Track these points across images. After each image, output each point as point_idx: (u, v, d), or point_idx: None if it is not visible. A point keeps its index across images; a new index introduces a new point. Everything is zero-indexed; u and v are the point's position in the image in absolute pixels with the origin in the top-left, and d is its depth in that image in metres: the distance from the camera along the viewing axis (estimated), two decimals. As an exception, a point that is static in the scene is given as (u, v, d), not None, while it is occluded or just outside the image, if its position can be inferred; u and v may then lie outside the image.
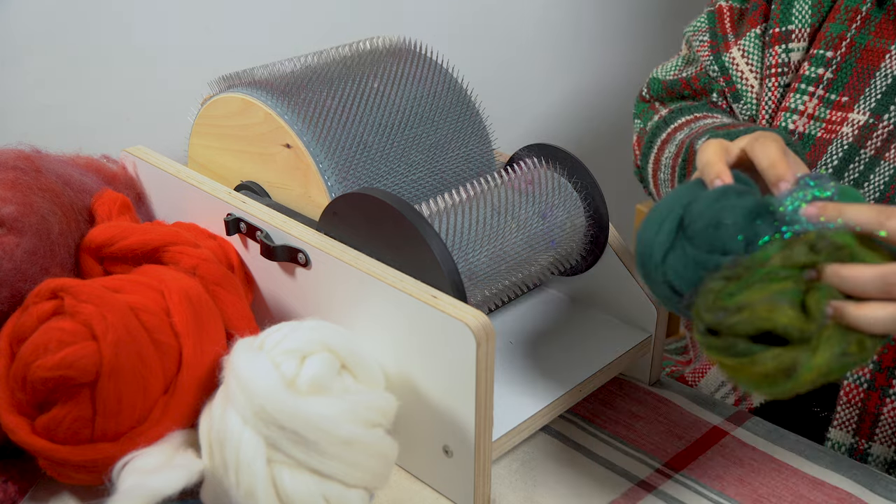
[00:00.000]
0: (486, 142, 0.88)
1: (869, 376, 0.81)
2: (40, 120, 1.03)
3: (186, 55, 1.12)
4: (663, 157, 0.98)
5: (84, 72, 1.05)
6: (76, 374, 0.63)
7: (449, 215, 0.73)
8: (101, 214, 0.80)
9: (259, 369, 0.61)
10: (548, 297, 0.91)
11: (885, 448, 0.82)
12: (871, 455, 0.83)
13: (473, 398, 0.65)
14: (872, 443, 0.83)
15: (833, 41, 0.88)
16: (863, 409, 0.82)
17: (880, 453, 0.83)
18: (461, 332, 0.63)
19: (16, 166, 0.78)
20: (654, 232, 0.61)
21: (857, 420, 0.83)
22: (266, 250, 0.76)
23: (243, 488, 0.60)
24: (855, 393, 0.82)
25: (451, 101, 0.86)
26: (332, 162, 0.77)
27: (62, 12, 1.01)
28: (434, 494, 0.72)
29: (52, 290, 0.67)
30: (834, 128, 0.86)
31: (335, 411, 0.61)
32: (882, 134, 0.84)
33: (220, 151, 0.85)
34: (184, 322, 0.68)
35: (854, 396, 0.82)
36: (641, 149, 1.04)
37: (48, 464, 0.66)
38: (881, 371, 0.81)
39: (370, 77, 0.83)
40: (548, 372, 0.79)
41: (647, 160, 1.02)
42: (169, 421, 0.66)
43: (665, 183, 0.98)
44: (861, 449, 0.83)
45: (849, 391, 0.83)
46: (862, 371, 0.82)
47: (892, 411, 0.81)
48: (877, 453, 0.83)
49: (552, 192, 0.80)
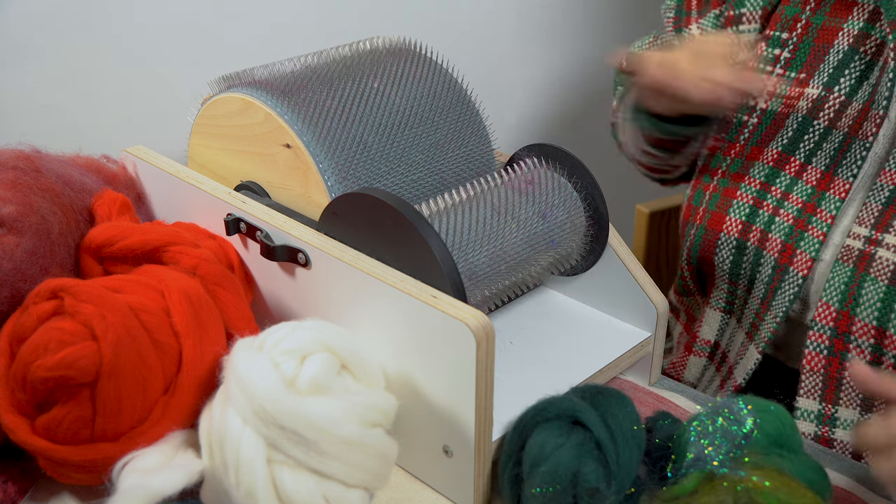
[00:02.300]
0: (486, 142, 0.87)
1: (828, 342, 0.85)
2: (40, 120, 1.03)
3: (186, 55, 1.12)
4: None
5: (84, 72, 1.05)
6: (76, 374, 0.62)
7: (449, 215, 0.73)
8: (101, 214, 0.80)
9: (259, 369, 0.61)
10: (548, 297, 0.91)
11: (852, 411, 0.85)
12: (838, 419, 0.85)
13: (473, 398, 0.65)
14: (839, 406, 0.85)
15: (788, 23, 0.94)
16: (825, 376, 0.85)
17: (847, 416, 0.85)
18: (461, 333, 0.63)
19: (16, 166, 0.78)
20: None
21: (822, 387, 0.86)
22: (266, 250, 0.76)
23: (243, 488, 0.60)
24: (816, 360, 0.85)
25: (451, 101, 0.86)
26: (332, 162, 0.77)
27: (62, 12, 1.01)
28: (434, 494, 0.72)
29: (52, 290, 0.67)
30: (792, 102, 0.92)
31: (335, 411, 0.61)
32: (834, 105, 0.89)
33: (220, 151, 0.85)
34: (184, 322, 0.68)
35: (816, 364, 0.86)
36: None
37: (48, 464, 0.66)
38: (838, 337, 0.84)
39: (370, 77, 0.83)
40: (548, 372, 0.79)
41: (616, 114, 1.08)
42: (169, 421, 0.66)
43: (619, 123, 1.05)
44: (829, 414, 0.86)
45: (810, 359, 0.86)
46: (821, 339, 0.85)
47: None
48: (843, 416, 0.85)
49: (552, 192, 0.80)
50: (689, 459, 0.65)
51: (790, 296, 0.88)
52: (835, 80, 0.89)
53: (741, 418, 0.65)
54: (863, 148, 0.86)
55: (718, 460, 0.63)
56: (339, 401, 0.62)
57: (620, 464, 0.63)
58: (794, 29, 0.93)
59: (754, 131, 0.94)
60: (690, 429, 0.66)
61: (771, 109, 0.93)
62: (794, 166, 0.90)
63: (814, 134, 0.90)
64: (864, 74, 0.88)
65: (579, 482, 0.61)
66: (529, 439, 0.65)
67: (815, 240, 0.87)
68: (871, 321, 0.82)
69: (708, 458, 0.64)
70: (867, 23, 0.89)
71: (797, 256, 0.87)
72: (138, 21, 1.07)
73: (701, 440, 0.65)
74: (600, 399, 0.67)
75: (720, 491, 0.58)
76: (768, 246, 0.89)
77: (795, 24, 0.93)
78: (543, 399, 0.67)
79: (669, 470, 0.66)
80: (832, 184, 0.88)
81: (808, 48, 0.92)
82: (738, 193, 0.92)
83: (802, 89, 0.91)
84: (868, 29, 0.89)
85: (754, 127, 0.94)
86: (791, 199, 0.89)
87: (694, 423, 0.66)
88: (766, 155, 0.92)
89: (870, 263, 0.83)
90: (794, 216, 0.88)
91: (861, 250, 0.84)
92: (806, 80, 0.92)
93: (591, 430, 0.64)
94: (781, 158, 0.91)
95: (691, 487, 0.60)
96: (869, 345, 0.83)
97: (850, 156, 0.87)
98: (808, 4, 0.93)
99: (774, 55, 0.94)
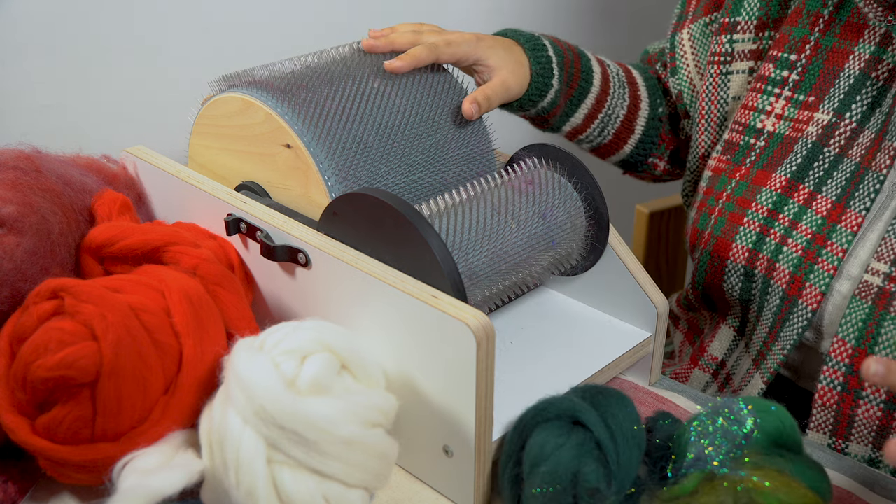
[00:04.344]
0: (486, 142, 0.87)
1: (842, 379, 0.82)
2: (40, 120, 1.03)
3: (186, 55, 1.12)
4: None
5: (84, 72, 1.05)
6: (76, 374, 0.62)
7: (449, 215, 0.73)
8: (102, 214, 0.80)
9: (259, 369, 0.61)
10: (548, 297, 0.91)
11: (863, 447, 0.83)
12: (848, 454, 0.84)
13: (473, 398, 0.65)
14: (849, 442, 0.84)
15: (796, 45, 0.91)
16: (838, 412, 0.83)
17: (858, 451, 0.84)
18: (461, 333, 0.63)
19: (16, 166, 0.78)
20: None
21: (833, 422, 0.84)
22: (266, 250, 0.76)
23: (243, 488, 0.60)
24: (829, 396, 0.83)
25: (451, 101, 0.86)
26: (332, 162, 0.77)
27: (62, 12, 1.01)
28: (434, 494, 0.72)
29: (52, 290, 0.67)
30: (801, 126, 0.89)
31: (335, 411, 0.61)
32: (845, 132, 0.86)
33: (221, 151, 0.85)
34: (184, 322, 0.68)
35: (829, 400, 0.83)
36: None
37: (48, 464, 0.66)
38: (853, 374, 0.82)
39: (370, 77, 0.83)
40: (548, 372, 0.79)
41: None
42: (169, 421, 0.66)
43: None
44: (839, 448, 0.84)
45: (823, 394, 0.83)
46: (835, 374, 0.82)
47: (865, 412, 0.82)
48: (854, 452, 0.84)
49: (552, 192, 0.80)
50: (689, 459, 0.65)
51: (799, 329, 0.85)
52: (846, 106, 0.87)
53: (741, 418, 0.65)
54: (876, 181, 0.83)
55: (719, 460, 0.63)
56: (340, 401, 0.62)
57: (621, 464, 0.63)
58: (803, 51, 0.90)
59: (761, 154, 0.91)
60: (690, 429, 0.66)
61: (778, 133, 0.90)
62: (802, 194, 0.87)
63: (824, 161, 0.87)
64: (876, 101, 0.85)
65: (579, 482, 0.61)
66: (529, 439, 0.65)
67: (825, 273, 0.84)
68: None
69: (708, 459, 0.64)
70: (878, 46, 0.86)
71: (806, 289, 0.84)
72: (138, 21, 1.07)
73: (701, 440, 0.65)
74: (600, 399, 0.67)
75: (720, 491, 0.58)
76: (776, 276, 0.86)
77: (804, 46, 0.90)
78: (543, 399, 0.67)
79: (670, 470, 0.66)
80: (843, 216, 0.85)
81: (817, 71, 0.89)
82: (745, 220, 0.89)
83: (812, 113, 0.89)
84: (880, 53, 0.86)
85: (761, 150, 0.91)
86: (800, 228, 0.86)
87: (694, 423, 0.66)
88: (774, 181, 0.89)
89: (890, 302, 0.80)
90: (804, 247, 0.85)
91: (880, 287, 0.81)
92: (815, 104, 0.89)
93: (592, 430, 0.64)
94: (790, 185, 0.88)
95: (691, 487, 0.60)
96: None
97: (863, 188, 0.84)
98: (816, 25, 0.90)
99: (783, 77, 0.91)
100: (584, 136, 1.05)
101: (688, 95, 1.04)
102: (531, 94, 0.93)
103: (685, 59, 1.03)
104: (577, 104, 0.99)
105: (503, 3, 1.54)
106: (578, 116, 1.00)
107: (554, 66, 0.94)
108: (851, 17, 0.88)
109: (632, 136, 1.05)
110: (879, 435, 0.82)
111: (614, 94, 1.02)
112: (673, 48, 1.05)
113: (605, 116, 1.02)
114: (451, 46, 0.86)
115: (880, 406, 0.81)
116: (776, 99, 0.92)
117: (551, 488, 0.61)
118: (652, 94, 1.07)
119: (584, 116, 1.01)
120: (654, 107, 1.06)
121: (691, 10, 1.04)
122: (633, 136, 1.05)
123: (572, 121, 1.00)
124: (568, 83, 0.97)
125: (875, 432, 0.82)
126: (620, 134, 1.05)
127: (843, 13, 0.89)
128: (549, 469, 0.62)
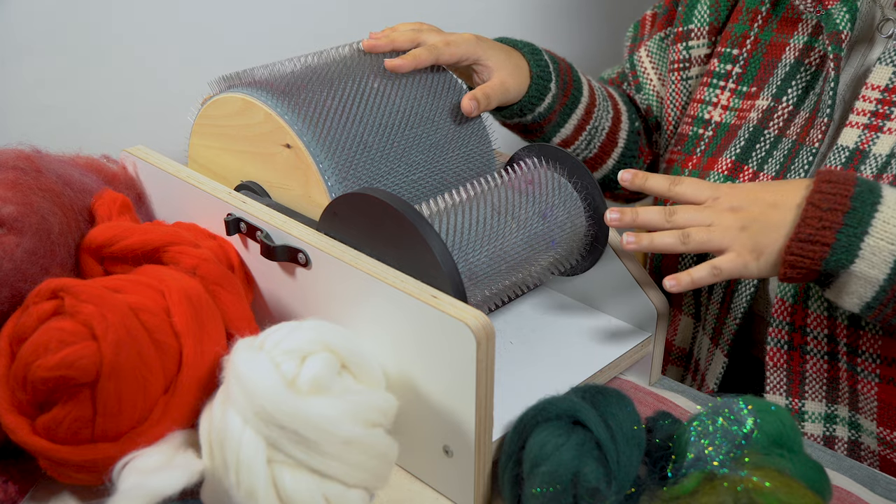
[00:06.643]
0: (486, 142, 0.88)
1: (787, 337, 0.86)
2: (40, 120, 1.03)
3: (186, 55, 1.12)
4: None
5: (84, 72, 1.05)
6: (76, 374, 0.62)
7: (449, 215, 0.73)
8: (102, 214, 0.80)
9: (259, 369, 0.61)
10: (548, 297, 0.91)
11: (818, 404, 0.86)
12: (806, 413, 0.86)
13: (473, 398, 0.65)
14: (805, 400, 0.87)
15: (738, 40, 0.98)
16: (789, 370, 0.86)
17: (814, 409, 0.86)
18: (461, 332, 0.63)
19: (16, 166, 0.78)
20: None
21: (787, 381, 0.87)
22: (266, 250, 0.76)
23: (243, 488, 0.60)
24: (779, 356, 0.87)
25: (450, 102, 0.86)
26: (332, 162, 0.77)
27: (62, 12, 1.01)
28: (434, 494, 0.72)
29: (52, 290, 0.67)
30: (745, 115, 0.96)
31: (335, 411, 0.61)
32: (783, 115, 0.92)
33: (221, 151, 0.85)
34: (184, 322, 0.68)
35: (779, 359, 0.87)
36: None
37: (48, 464, 0.66)
38: (795, 331, 0.85)
39: (370, 77, 0.83)
40: (548, 372, 0.79)
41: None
42: (169, 421, 0.66)
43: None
44: (797, 409, 0.87)
45: (773, 355, 0.87)
46: (780, 333, 0.86)
47: (814, 367, 0.86)
48: (811, 410, 0.86)
49: (552, 193, 0.80)
50: (689, 459, 0.65)
51: (747, 296, 0.89)
52: (783, 92, 0.93)
53: (741, 418, 0.65)
54: (809, 153, 0.87)
55: (719, 460, 0.63)
56: (340, 401, 0.62)
57: (621, 464, 0.63)
58: (744, 45, 0.97)
59: (710, 143, 0.97)
60: (690, 429, 0.66)
61: (724, 122, 0.97)
62: (747, 174, 0.92)
63: (765, 142, 0.92)
64: (809, 85, 0.92)
65: (579, 482, 0.61)
66: (529, 439, 0.65)
67: None
68: (821, 311, 0.83)
69: (708, 458, 0.64)
70: (811, 36, 0.92)
71: None
72: (138, 21, 1.07)
73: (701, 440, 0.65)
74: (600, 399, 0.67)
75: (720, 491, 0.58)
76: None
77: (745, 41, 0.97)
78: (543, 399, 0.68)
79: (670, 470, 0.66)
80: None
81: (757, 63, 0.96)
82: None
83: (754, 101, 0.95)
84: (812, 42, 0.92)
85: (709, 139, 0.97)
86: None
87: (694, 423, 0.66)
88: (721, 164, 0.94)
89: None
90: None
91: None
92: (756, 93, 0.95)
93: (592, 430, 0.64)
94: (735, 167, 0.93)
95: (691, 487, 0.60)
96: (824, 335, 0.84)
97: (798, 161, 0.88)
98: (755, 22, 0.97)
99: (727, 70, 0.98)
100: (570, 150, 1.07)
101: (656, 108, 1.09)
102: (531, 97, 0.94)
103: (647, 74, 1.09)
104: (569, 114, 1.02)
105: (499, 3, 1.54)
106: (568, 127, 1.03)
107: (551, 72, 0.97)
108: (787, 13, 0.95)
109: (615, 148, 1.09)
110: (830, 388, 0.86)
111: (600, 106, 1.06)
112: (633, 67, 1.11)
113: (592, 128, 1.05)
114: (451, 47, 0.87)
115: (825, 358, 0.85)
116: (721, 91, 0.98)
117: (551, 488, 0.61)
118: (629, 109, 1.11)
119: (573, 128, 1.03)
120: (632, 121, 1.11)
121: (646, 33, 1.10)
122: (616, 150, 1.09)
123: (562, 132, 1.03)
124: (563, 90, 1.00)
125: (826, 386, 0.86)
126: (605, 147, 1.08)
127: (780, 9, 0.96)
128: (549, 469, 0.62)
